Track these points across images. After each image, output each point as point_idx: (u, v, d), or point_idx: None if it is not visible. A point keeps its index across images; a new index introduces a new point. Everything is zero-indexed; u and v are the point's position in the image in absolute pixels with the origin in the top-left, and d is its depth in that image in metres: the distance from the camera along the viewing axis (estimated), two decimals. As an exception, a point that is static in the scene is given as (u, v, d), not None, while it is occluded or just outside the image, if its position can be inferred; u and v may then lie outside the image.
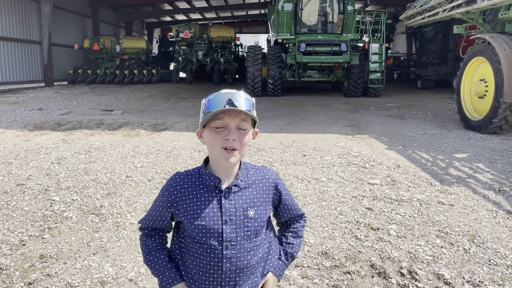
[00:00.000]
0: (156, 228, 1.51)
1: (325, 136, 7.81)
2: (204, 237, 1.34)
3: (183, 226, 1.41)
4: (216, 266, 1.34)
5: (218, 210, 1.34)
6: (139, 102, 13.72)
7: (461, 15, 9.55)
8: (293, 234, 1.56)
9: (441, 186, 4.81)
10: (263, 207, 1.41)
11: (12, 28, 18.64)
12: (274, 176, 1.49)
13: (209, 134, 1.35)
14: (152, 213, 1.49)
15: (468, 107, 8.78)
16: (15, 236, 3.49)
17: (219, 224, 1.34)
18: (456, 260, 3.09)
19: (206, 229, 1.34)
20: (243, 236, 1.36)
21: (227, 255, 1.34)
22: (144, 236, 1.53)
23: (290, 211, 1.56)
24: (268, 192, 1.45)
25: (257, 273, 1.43)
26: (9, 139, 7.34)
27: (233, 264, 1.35)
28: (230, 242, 1.34)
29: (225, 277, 1.36)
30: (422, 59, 22.19)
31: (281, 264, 1.50)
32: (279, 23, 15.06)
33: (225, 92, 1.36)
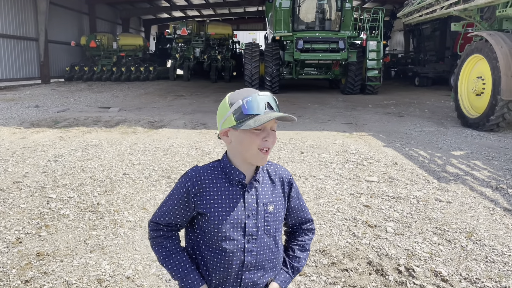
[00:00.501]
0: (171, 225, 1.46)
1: (322, 134, 7.81)
2: (227, 231, 1.36)
3: (203, 220, 1.40)
4: (238, 260, 1.37)
5: (242, 205, 1.38)
6: (136, 100, 13.68)
7: (459, 12, 9.54)
8: (300, 248, 1.57)
9: (438, 184, 4.82)
10: (281, 202, 1.46)
11: (8, 25, 18.53)
12: (288, 173, 1.54)
13: (246, 135, 1.36)
14: (169, 208, 1.43)
15: (466, 104, 8.79)
16: (11, 233, 3.47)
17: (242, 218, 1.37)
18: (454, 257, 3.10)
19: (230, 223, 1.36)
20: (263, 231, 1.40)
21: (249, 248, 1.38)
22: (160, 238, 1.47)
23: (299, 212, 1.56)
24: (284, 188, 1.48)
25: (276, 268, 1.47)
26: (5, 137, 7.31)
27: (253, 257, 1.39)
28: (252, 236, 1.38)
29: (246, 270, 1.39)
30: (419, 57, 22.19)
31: (288, 277, 1.51)
32: (277, 20, 15.02)
33: (262, 94, 1.37)
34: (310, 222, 1.61)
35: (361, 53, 15.03)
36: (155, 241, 1.47)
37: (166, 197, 1.47)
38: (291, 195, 1.52)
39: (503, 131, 7.96)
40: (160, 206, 1.49)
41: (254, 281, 1.41)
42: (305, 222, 1.59)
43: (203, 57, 21.98)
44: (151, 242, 1.49)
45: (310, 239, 1.60)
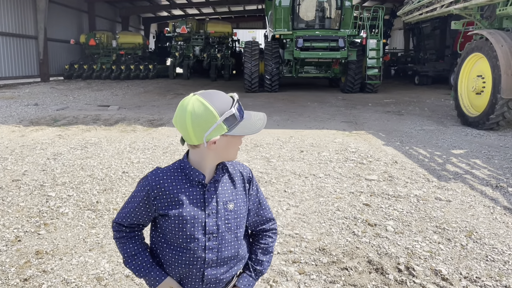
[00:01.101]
0: (134, 225, 1.50)
1: (322, 132, 7.79)
2: (188, 230, 1.40)
3: (164, 220, 1.43)
4: (199, 257, 1.42)
5: (202, 204, 1.41)
6: (136, 98, 13.66)
7: (459, 11, 9.53)
8: (263, 251, 1.59)
9: (438, 182, 4.81)
10: (242, 200, 1.49)
11: (8, 23, 18.48)
12: (248, 170, 1.56)
13: (235, 138, 1.41)
14: (131, 209, 1.47)
15: (466, 103, 8.79)
16: (10, 232, 3.46)
17: (202, 217, 1.41)
18: (454, 256, 3.09)
19: (191, 222, 1.40)
20: (224, 228, 1.43)
21: (209, 246, 1.42)
22: (123, 239, 1.51)
23: (259, 210, 1.57)
24: (244, 186, 1.51)
25: (239, 265, 1.52)
26: (4, 135, 7.30)
27: (214, 254, 1.43)
28: (212, 234, 1.42)
29: (207, 267, 1.43)
30: (419, 55, 22.17)
31: (251, 280, 1.55)
32: (277, 19, 15.00)
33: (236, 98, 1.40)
34: (272, 221, 1.61)
35: (361, 51, 15.00)
36: (118, 241, 1.52)
37: (128, 198, 1.50)
38: (250, 192, 1.53)
39: (503, 129, 7.95)
40: (122, 207, 1.51)
41: (217, 277, 1.45)
42: (266, 221, 1.59)
43: (203, 55, 21.94)
44: (116, 242, 1.53)
45: (273, 241, 1.61)
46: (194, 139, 1.37)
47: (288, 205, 4.11)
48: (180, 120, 1.36)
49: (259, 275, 1.58)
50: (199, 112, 1.33)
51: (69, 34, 23.45)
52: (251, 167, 5.39)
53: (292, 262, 3.00)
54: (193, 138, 1.37)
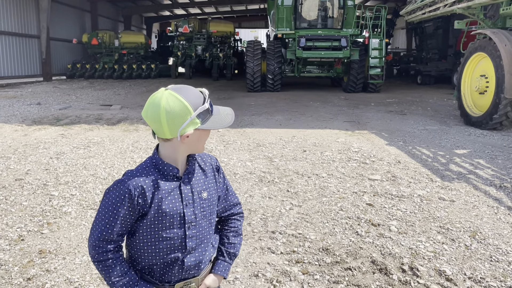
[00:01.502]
0: (120, 239, 1.45)
1: (325, 132, 7.78)
2: (167, 222, 1.45)
3: (144, 218, 1.44)
4: (180, 246, 1.47)
5: (179, 196, 1.46)
6: (138, 97, 13.66)
7: (462, 10, 9.49)
8: (234, 234, 1.66)
9: (441, 182, 4.80)
10: (213, 188, 1.56)
11: (10, 22, 18.51)
12: (215, 159, 1.64)
13: (204, 131, 1.47)
14: (115, 219, 1.41)
15: (469, 103, 8.76)
16: (13, 231, 3.46)
17: (180, 208, 1.46)
18: (458, 257, 3.08)
19: (170, 214, 1.44)
20: (200, 217, 1.51)
21: (189, 234, 1.48)
22: (108, 261, 1.43)
23: (227, 196, 1.65)
24: (213, 174, 1.59)
25: (211, 247, 1.59)
26: (7, 134, 7.30)
27: (194, 242, 1.49)
28: (191, 223, 1.48)
29: (187, 254, 1.49)
30: (422, 55, 22.11)
31: (227, 265, 1.62)
32: (279, 18, 14.98)
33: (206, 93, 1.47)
34: (239, 205, 1.70)
35: (364, 51, 14.98)
36: (102, 264, 1.43)
37: (101, 212, 1.43)
38: (219, 180, 1.61)
39: (507, 129, 7.92)
40: (100, 222, 1.42)
41: (196, 263, 1.51)
42: (234, 206, 1.67)
43: (205, 55, 21.94)
44: (98, 265, 1.45)
45: (241, 224, 1.71)
46: (168, 133, 1.40)
47: (291, 204, 4.10)
48: (153, 114, 1.40)
49: (233, 258, 1.65)
50: (174, 107, 1.37)
51: (71, 34, 23.48)
52: (253, 166, 5.39)
53: (296, 262, 3.00)
54: (166, 132, 1.40)
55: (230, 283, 2.74)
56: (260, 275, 2.83)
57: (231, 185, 1.70)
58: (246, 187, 4.59)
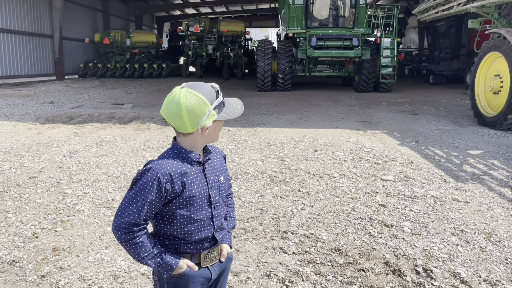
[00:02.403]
0: (145, 222, 1.54)
1: (336, 132, 7.74)
2: (197, 204, 1.58)
3: (174, 203, 1.55)
4: (209, 226, 1.62)
5: (204, 180, 1.60)
6: (149, 96, 13.74)
7: (476, 9, 9.37)
8: (232, 209, 1.84)
9: (455, 183, 4.74)
10: (226, 173, 1.75)
11: (24, 22, 18.74)
12: (220, 150, 1.79)
13: (220, 123, 1.62)
14: (143, 204, 1.50)
15: (482, 103, 8.64)
16: (28, 228, 3.50)
17: (206, 190, 1.60)
18: (472, 259, 3.04)
19: (199, 197, 1.58)
20: (221, 197, 1.68)
21: (215, 214, 1.64)
22: (135, 239, 1.51)
23: (229, 181, 1.81)
24: (223, 162, 1.76)
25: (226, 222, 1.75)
26: (21, 132, 7.39)
27: (219, 220, 1.66)
28: (216, 204, 1.64)
29: (215, 232, 1.65)
30: (434, 54, 21.91)
31: (230, 235, 1.80)
32: (290, 17, 14.94)
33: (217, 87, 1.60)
34: (231, 186, 1.88)
35: (375, 50, 14.87)
36: (129, 243, 1.52)
37: (129, 196, 1.51)
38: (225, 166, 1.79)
39: (521, 130, 7.81)
40: (126, 207, 1.51)
41: (221, 238, 1.69)
42: (230, 187, 1.86)
43: (216, 54, 21.99)
44: (126, 245, 1.53)
45: (233, 200, 1.88)
46: (189, 127, 1.52)
47: (302, 204, 4.08)
48: (174, 112, 1.51)
49: (232, 229, 1.83)
50: (193, 103, 1.50)
51: (84, 33, 23.70)
52: (264, 166, 5.38)
53: (308, 263, 2.98)
54: (188, 126, 1.52)
55: (243, 282, 2.74)
56: (272, 275, 2.82)
57: None
58: (258, 187, 4.59)
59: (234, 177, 4.89)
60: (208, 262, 1.66)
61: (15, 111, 9.83)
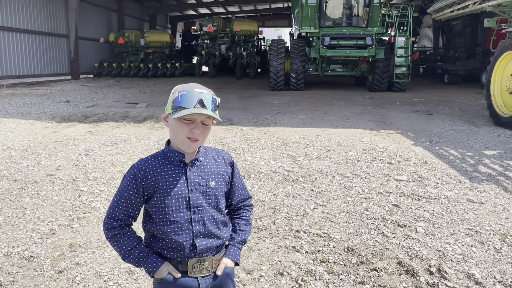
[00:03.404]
0: (126, 216, 1.59)
1: (349, 131, 7.72)
2: (173, 205, 1.55)
3: (153, 202, 1.57)
4: (187, 230, 1.56)
5: (185, 181, 1.57)
6: (163, 96, 13.85)
7: (492, 8, 9.24)
8: (245, 222, 1.77)
9: (470, 184, 4.69)
10: (222, 179, 1.66)
11: (40, 22, 19.05)
12: (229, 155, 1.74)
13: (177, 123, 1.54)
14: (121, 199, 1.57)
15: (498, 103, 8.53)
16: (45, 225, 3.57)
17: (186, 192, 1.56)
18: (487, 260, 3.01)
19: (175, 198, 1.55)
20: (207, 202, 1.60)
21: (195, 218, 1.57)
22: (116, 237, 1.58)
23: (240, 190, 1.76)
24: (226, 168, 1.68)
25: (226, 234, 1.68)
26: (38, 130, 7.53)
27: (201, 226, 1.58)
28: (197, 208, 1.57)
29: (197, 238, 1.58)
30: (449, 53, 21.67)
31: (237, 250, 1.72)
32: (303, 16, 14.91)
33: (198, 91, 1.53)
34: (250, 198, 1.81)
35: (389, 49, 14.75)
36: (112, 240, 1.59)
37: (115, 194, 1.60)
38: (234, 175, 1.72)
39: (538, 130, 7.68)
40: (111, 203, 1.60)
41: (208, 247, 1.60)
42: (246, 198, 1.79)
43: (229, 53, 22.06)
44: (109, 241, 1.60)
45: (250, 214, 1.82)
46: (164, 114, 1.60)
47: (315, 204, 4.09)
48: None
49: (243, 244, 1.75)
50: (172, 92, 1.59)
51: (99, 33, 23.98)
52: (277, 165, 5.40)
53: (321, 262, 2.99)
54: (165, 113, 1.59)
55: (255, 280, 2.76)
56: (285, 273, 2.84)
57: (243, 181, 1.81)
58: (270, 186, 4.60)
59: (247, 176, 4.92)
60: (197, 272, 1.59)
61: (32, 110, 10.00)
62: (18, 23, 17.54)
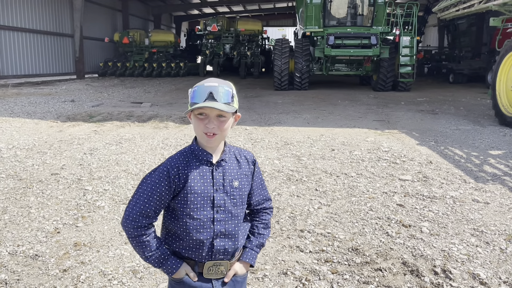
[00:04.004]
0: (154, 216, 1.58)
1: (353, 131, 7.70)
2: (198, 203, 1.56)
3: (179, 199, 1.57)
4: (209, 228, 1.57)
5: (211, 181, 1.58)
6: (167, 95, 13.87)
7: (498, 7, 9.18)
8: (264, 226, 1.76)
9: (475, 184, 4.67)
10: (245, 180, 1.66)
11: (45, 22, 19.14)
12: (251, 154, 1.74)
13: (194, 119, 1.57)
14: (154, 197, 1.55)
15: (504, 102, 8.47)
16: (50, 223, 3.59)
17: (211, 192, 1.57)
18: (492, 260, 3.00)
19: (201, 196, 1.56)
20: (230, 203, 1.60)
21: (217, 218, 1.58)
22: (142, 237, 1.56)
23: (261, 190, 1.75)
24: (248, 168, 1.68)
25: (241, 235, 1.66)
26: (43, 130, 7.56)
27: (222, 226, 1.58)
28: (220, 208, 1.58)
29: (216, 238, 1.58)
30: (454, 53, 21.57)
31: (254, 253, 1.71)
32: (308, 16, 14.88)
33: (208, 84, 1.53)
34: (270, 200, 1.80)
35: (394, 49, 14.69)
36: (136, 240, 1.57)
37: (139, 191, 1.57)
38: (255, 173, 1.71)
39: (544, 130, 7.63)
40: (138, 199, 1.56)
41: (225, 249, 1.60)
42: (266, 200, 1.78)
43: (233, 53, 22.07)
44: (133, 241, 1.58)
45: (270, 217, 1.81)
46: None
47: (319, 203, 4.08)
48: None
49: (261, 247, 1.75)
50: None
51: (103, 33, 24.06)
52: (281, 164, 5.39)
53: (325, 261, 2.98)
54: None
55: (259, 280, 2.76)
56: (289, 273, 2.84)
57: (264, 182, 1.79)
58: (274, 185, 4.60)
59: (251, 175, 4.91)
60: (212, 274, 1.61)
61: (37, 109, 10.05)
62: (23, 23, 17.63)
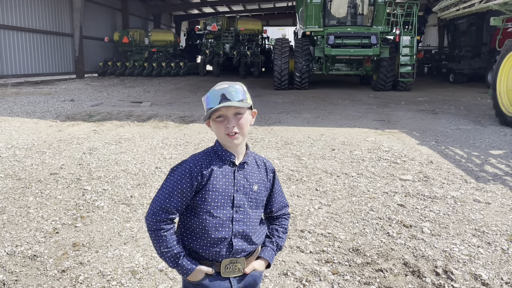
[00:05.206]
0: (175, 209, 1.59)
1: (354, 130, 7.67)
2: (219, 201, 1.60)
3: (200, 196, 1.60)
4: (227, 227, 1.60)
5: (232, 181, 1.62)
6: (167, 95, 13.85)
7: (498, 6, 9.15)
8: (283, 230, 1.82)
9: (476, 184, 4.65)
10: (264, 185, 1.71)
11: (45, 21, 19.10)
12: (270, 163, 1.80)
13: (213, 124, 1.62)
14: (176, 193, 1.58)
15: (504, 102, 8.45)
16: (48, 224, 3.57)
17: (232, 192, 1.61)
18: (494, 261, 2.97)
19: (222, 194, 1.60)
20: (248, 205, 1.64)
21: (236, 218, 1.61)
22: (161, 231, 1.58)
23: (280, 197, 1.80)
24: (267, 175, 1.74)
25: (258, 237, 1.69)
26: (42, 129, 7.53)
27: (241, 226, 1.62)
28: (239, 208, 1.62)
29: (235, 237, 1.61)
30: (454, 52, 21.52)
31: (273, 253, 1.76)
32: (308, 15, 14.85)
33: (218, 88, 1.59)
34: (288, 206, 1.86)
35: (394, 48, 14.67)
36: (155, 234, 1.59)
37: (163, 187, 1.61)
38: (275, 182, 1.77)
39: (545, 130, 7.61)
40: (161, 195, 1.60)
41: (243, 248, 1.63)
42: (284, 206, 1.83)
43: (233, 52, 22.04)
44: (152, 234, 1.60)
45: (288, 222, 1.87)
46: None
47: (320, 203, 4.06)
48: None
49: (279, 249, 1.79)
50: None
51: (103, 32, 24.02)
52: (281, 164, 5.37)
53: (325, 262, 2.96)
54: None
55: (259, 281, 2.74)
56: (290, 273, 2.82)
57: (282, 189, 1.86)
58: (275, 185, 4.57)
59: (251, 175, 4.89)
60: (230, 273, 1.63)
61: (37, 108, 10.02)
62: (23, 22, 17.59)
